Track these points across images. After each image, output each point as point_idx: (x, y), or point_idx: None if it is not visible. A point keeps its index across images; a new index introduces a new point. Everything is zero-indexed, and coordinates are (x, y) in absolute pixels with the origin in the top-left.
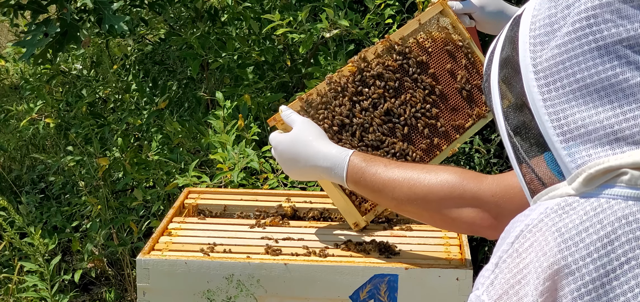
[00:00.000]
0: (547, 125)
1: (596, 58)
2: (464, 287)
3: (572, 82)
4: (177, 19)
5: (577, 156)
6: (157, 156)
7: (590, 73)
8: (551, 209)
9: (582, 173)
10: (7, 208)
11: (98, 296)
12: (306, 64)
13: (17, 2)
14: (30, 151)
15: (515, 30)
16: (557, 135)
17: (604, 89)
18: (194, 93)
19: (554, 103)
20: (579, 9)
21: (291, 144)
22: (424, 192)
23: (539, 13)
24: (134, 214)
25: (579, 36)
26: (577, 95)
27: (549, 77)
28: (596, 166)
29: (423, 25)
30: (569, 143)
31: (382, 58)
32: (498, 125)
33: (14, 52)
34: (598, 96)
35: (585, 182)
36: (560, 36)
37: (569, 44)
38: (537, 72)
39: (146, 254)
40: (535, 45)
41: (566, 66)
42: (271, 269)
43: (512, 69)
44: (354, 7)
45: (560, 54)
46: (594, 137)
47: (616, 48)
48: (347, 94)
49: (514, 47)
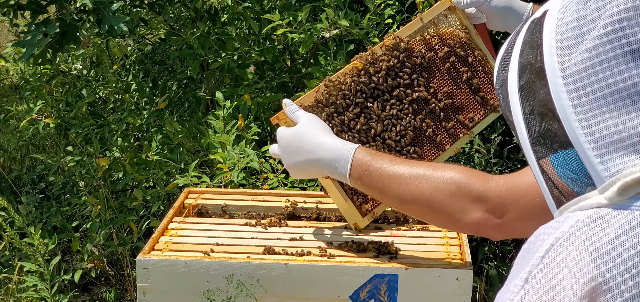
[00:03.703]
0: (578, 133)
1: (630, 62)
2: (464, 287)
3: (604, 87)
4: (177, 19)
5: (611, 164)
6: (157, 156)
7: (623, 78)
8: (583, 222)
9: (617, 182)
10: (7, 208)
11: (98, 296)
12: (306, 64)
13: (17, 2)
14: (30, 150)
15: (538, 34)
16: (589, 142)
17: (638, 93)
18: (194, 93)
19: (585, 109)
20: (611, 11)
21: (295, 137)
22: (429, 191)
23: (565, 16)
24: (134, 214)
25: (611, 40)
26: (608, 101)
27: (578, 82)
28: (632, 174)
29: (430, 21)
30: (601, 150)
31: (388, 55)
32: (518, 133)
33: (14, 52)
34: (631, 102)
35: (620, 191)
36: (590, 40)
37: (600, 48)
38: (565, 77)
39: (146, 254)
40: (562, 49)
41: (597, 71)
42: (271, 269)
43: (534, 74)
44: (354, 7)
45: (590, 57)
46: (628, 144)
47: None
48: (351, 94)
49: (537, 51)
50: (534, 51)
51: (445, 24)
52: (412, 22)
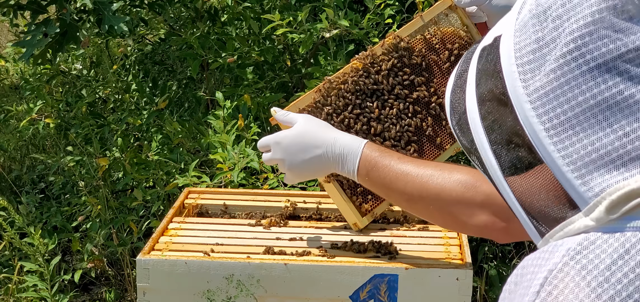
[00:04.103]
0: (555, 156)
1: (597, 77)
2: (464, 287)
3: (574, 107)
4: (177, 19)
5: (593, 184)
6: (157, 156)
7: (593, 94)
8: (574, 251)
9: (603, 200)
10: (7, 208)
11: (98, 296)
12: (306, 64)
13: (17, 2)
14: (30, 150)
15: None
16: (568, 165)
17: (609, 108)
18: (194, 93)
19: (558, 131)
20: (571, 28)
21: (299, 135)
22: (436, 191)
23: (522, 39)
24: (134, 214)
25: (575, 57)
26: (580, 119)
27: (546, 104)
28: (618, 191)
29: (431, 20)
30: (581, 171)
31: (388, 55)
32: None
33: (14, 52)
34: (604, 117)
35: (608, 210)
36: (553, 60)
37: (564, 67)
38: (533, 101)
39: (146, 254)
40: (525, 73)
41: (564, 91)
42: (271, 269)
43: (497, 103)
44: (354, 7)
45: (556, 78)
46: (608, 161)
47: (616, 64)
48: (350, 94)
49: (497, 79)
50: (493, 79)
51: (446, 23)
52: (412, 21)
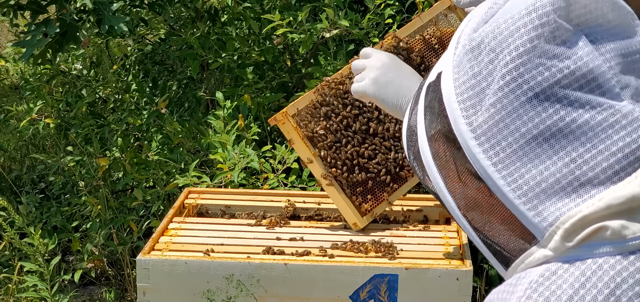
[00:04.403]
0: (506, 190)
1: (537, 106)
2: (464, 287)
3: (519, 138)
4: (177, 19)
5: (546, 214)
6: (157, 156)
7: (535, 124)
8: (536, 282)
9: (557, 230)
10: (7, 208)
11: (98, 296)
12: (306, 64)
13: (17, 2)
14: (30, 150)
15: (438, 98)
16: (519, 197)
17: (553, 136)
18: (194, 93)
19: (506, 164)
20: (505, 60)
21: (395, 59)
22: None
23: (460, 75)
24: (134, 214)
25: (513, 89)
26: (526, 150)
27: (492, 138)
28: (570, 219)
29: (430, 21)
30: (533, 203)
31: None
32: (445, 205)
33: (14, 52)
34: (549, 146)
35: (564, 238)
36: (492, 93)
37: (504, 99)
38: (477, 136)
39: (146, 254)
40: (467, 110)
41: (507, 123)
42: (271, 269)
43: (445, 140)
44: (354, 7)
45: (497, 111)
46: (558, 189)
47: (554, 91)
48: (349, 94)
49: (442, 117)
50: (438, 117)
51: (445, 23)
52: (411, 21)
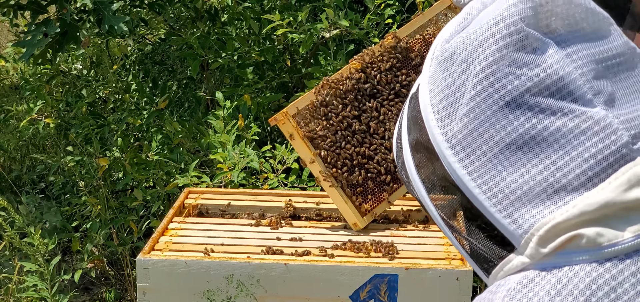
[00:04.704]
0: (482, 199)
1: (509, 115)
2: (464, 287)
3: (492, 146)
4: (177, 19)
5: (521, 221)
6: (157, 156)
7: (508, 132)
8: (514, 290)
9: (532, 237)
10: (7, 208)
11: (98, 296)
12: (306, 64)
13: (17, 2)
14: (30, 150)
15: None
16: (494, 205)
17: (526, 143)
18: (194, 93)
19: (481, 173)
20: (475, 70)
21: None
22: None
23: (435, 86)
24: (134, 214)
25: (484, 98)
26: (500, 158)
27: (466, 148)
28: (544, 226)
29: (430, 20)
30: (508, 210)
31: (387, 55)
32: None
33: (14, 52)
34: (522, 153)
35: (539, 245)
36: (465, 102)
37: (476, 109)
38: (453, 146)
39: (146, 254)
40: (442, 119)
41: (480, 132)
42: (271, 269)
43: (425, 150)
44: (354, 7)
45: (470, 121)
46: (532, 196)
47: (525, 99)
48: (349, 94)
49: (421, 128)
50: (418, 128)
51: (445, 23)
52: (411, 21)
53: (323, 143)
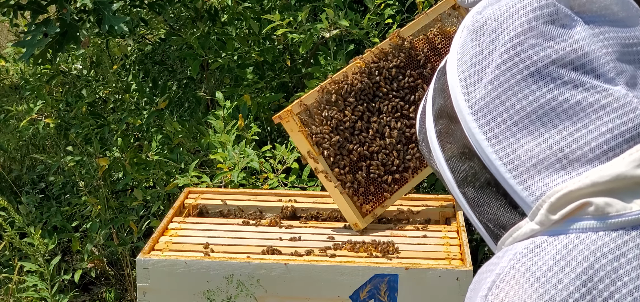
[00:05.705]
0: (498, 164)
1: (532, 85)
2: (464, 287)
3: (513, 114)
4: (177, 19)
5: (534, 188)
6: (157, 156)
7: (529, 101)
8: (520, 254)
9: (543, 203)
10: (7, 208)
11: (98, 296)
12: (306, 64)
13: (17, 2)
14: (30, 150)
15: (443, 79)
16: (509, 171)
17: (546, 113)
18: (194, 93)
19: (499, 139)
20: (504, 40)
21: None
22: None
23: (464, 55)
24: (134, 214)
25: (510, 67)
26: (520, 126)
27: (488, 114)
28: (556, 194)
29: (434, 20)
30: (522, 177)
31: (391, 54)
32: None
33: (14, 52)
34: (542, 123)
35: (549, 211)
36: (491, 71)
37: (501, 77)
38: (475, 112)
39: (146, 254)
40: (467, 86)
41: (503, 99)
42: (271, 269)
43: (448, 118)
44: (354, 7)
45: (494, 88)
46: (547, 165)
47: (549, 70)
48: (353, 93)
49: (445, 96)
50: (443, 96)
51: (448, 22)
52: (415, 20)
53: (326, 143)
